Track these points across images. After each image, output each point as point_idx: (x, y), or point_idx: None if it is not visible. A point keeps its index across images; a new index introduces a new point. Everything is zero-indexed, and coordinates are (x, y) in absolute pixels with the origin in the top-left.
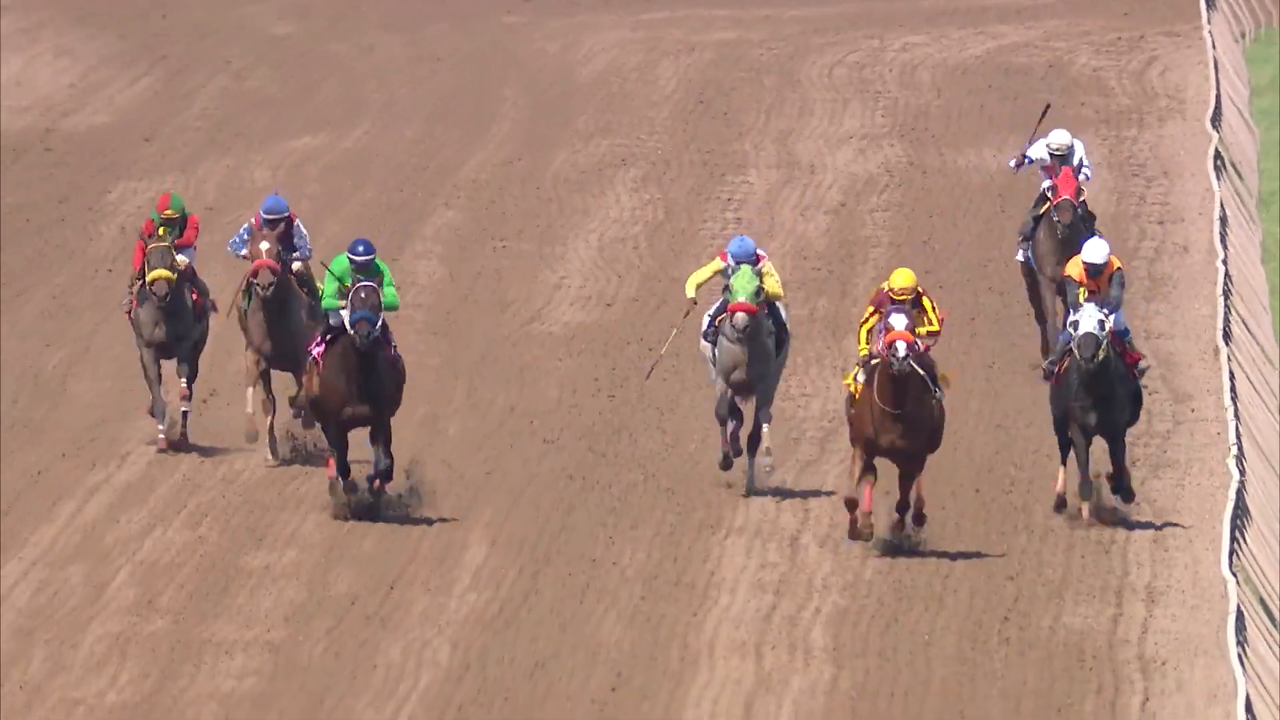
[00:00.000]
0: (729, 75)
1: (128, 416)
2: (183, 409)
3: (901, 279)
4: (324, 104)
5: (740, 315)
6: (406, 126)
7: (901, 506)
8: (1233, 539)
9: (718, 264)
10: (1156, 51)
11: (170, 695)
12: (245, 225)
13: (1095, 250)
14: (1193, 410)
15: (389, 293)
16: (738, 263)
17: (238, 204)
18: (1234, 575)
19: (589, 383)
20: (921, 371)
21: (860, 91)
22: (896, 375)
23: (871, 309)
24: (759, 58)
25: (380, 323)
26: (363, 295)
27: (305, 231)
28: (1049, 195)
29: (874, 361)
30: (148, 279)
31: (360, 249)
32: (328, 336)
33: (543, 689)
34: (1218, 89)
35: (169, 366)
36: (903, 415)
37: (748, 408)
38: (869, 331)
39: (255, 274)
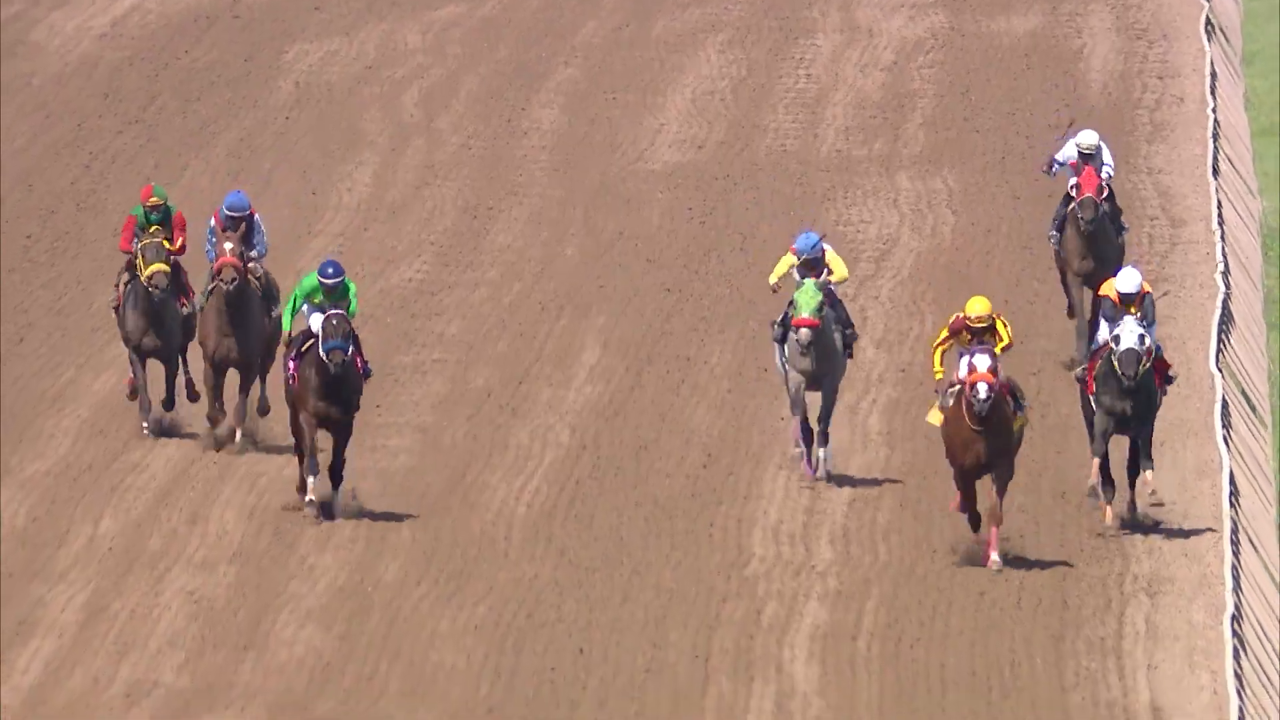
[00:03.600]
0: None
1: (300, 238)
2: (162, 415)
3: (977, 308)
4: None
5: (805, 331)
6: None
7: (993, 518)
8: (1219, 341)
9: (789, 259)
10: None
11: None
12: (210, 225)
13: (1128, 280)
14: (1188, 232)
15: (353, 304)
16: (804, 257)
17: (393, 62)
18: (1220, 371)
19: (684, 211)
20: (1006, 397)
21: None
22: (980, 413)
23: (947, 333)
24: None
25: (350, 343)
26: (334, 323)
27: (264, 229)
28: (1073, 194)
29: (956, 388)
30: (145, 274)
31: (330, 271)
32: (302, 351)
33: (645, 466)
34: None
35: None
36: (987, 431)
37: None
38: (943, 354)
39: (219, 271)
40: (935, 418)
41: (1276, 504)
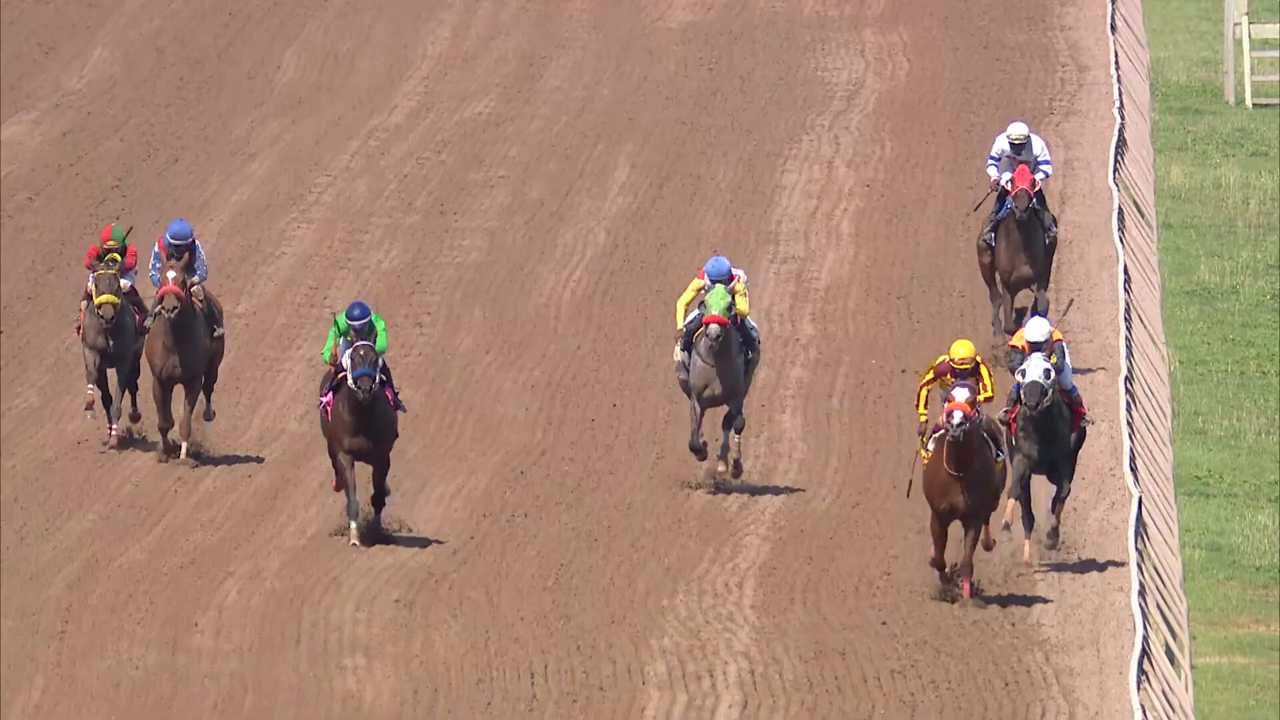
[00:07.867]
0: None
1: (394, 81)
2: (128, 426)
3: (961, 350)
4: None
5: (714, 326)
6: None
7: (965, 569)
8: (1115, 161)
9: (697, 283)
10: None
11: (420, 266)
12: (155, 251)
13: (1036, 329)
14: (1091, 76)
15: (380, 339)
16: (713, 281)
17: None
18: (1116, 185)
19: (696, 60)
20: (984, 434)
21: None
22: (956, 441)
23: (931, 375)
24: None
25: (379, 373)
26: (361, 353)
27: (204, 256)
28: (1007, 188)
29: (939, 433)
30: (96, 302)
31: (356, 312)
32: (334, 386)
33: (665, 262)
34: None
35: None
36: (967, 478)
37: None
38: (926, 395)
39: (162, 299)
40: (923, 456)
41: (1160, 289)
